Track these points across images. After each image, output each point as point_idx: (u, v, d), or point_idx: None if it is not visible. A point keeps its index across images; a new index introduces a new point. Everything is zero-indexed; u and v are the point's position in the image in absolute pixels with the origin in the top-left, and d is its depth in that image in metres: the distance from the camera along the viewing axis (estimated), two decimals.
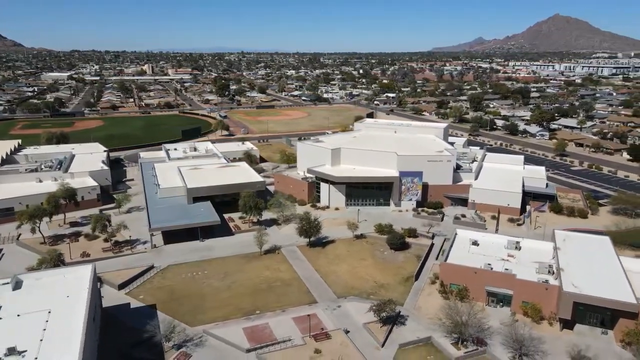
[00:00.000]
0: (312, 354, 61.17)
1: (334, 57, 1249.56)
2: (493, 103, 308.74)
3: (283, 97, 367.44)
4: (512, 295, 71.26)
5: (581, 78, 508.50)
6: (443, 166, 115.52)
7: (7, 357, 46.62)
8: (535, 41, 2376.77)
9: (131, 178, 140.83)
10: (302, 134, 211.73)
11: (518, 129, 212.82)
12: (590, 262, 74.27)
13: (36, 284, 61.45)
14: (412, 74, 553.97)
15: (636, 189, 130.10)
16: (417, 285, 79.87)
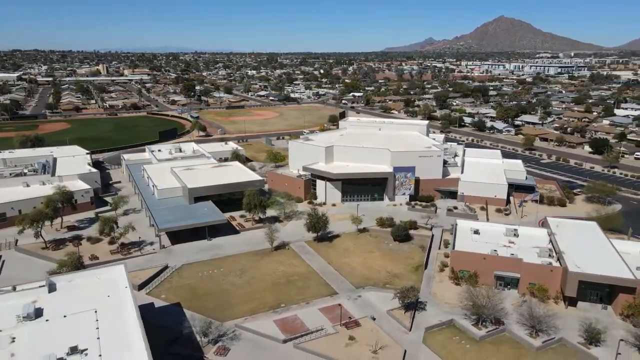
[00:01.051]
0: (347, 341, 64.04)
1: (290, 57, 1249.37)
2: (456, 101, 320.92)
3: (250, 97, 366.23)
4: (519, 278, 76.89)
5: (531, 77, 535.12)
6: (433, 161, 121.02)
7: (70, 356, 46.80)
8: (483, 41, 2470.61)
9: (118, 180, 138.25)
10: (279, 133, 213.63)
11: (485, 125, 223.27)
12: (585, 244, 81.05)
13: (70, 285, 60.96)
14: (372, 73, 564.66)
15: (603, 179, 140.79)
16: (428, 273, 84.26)
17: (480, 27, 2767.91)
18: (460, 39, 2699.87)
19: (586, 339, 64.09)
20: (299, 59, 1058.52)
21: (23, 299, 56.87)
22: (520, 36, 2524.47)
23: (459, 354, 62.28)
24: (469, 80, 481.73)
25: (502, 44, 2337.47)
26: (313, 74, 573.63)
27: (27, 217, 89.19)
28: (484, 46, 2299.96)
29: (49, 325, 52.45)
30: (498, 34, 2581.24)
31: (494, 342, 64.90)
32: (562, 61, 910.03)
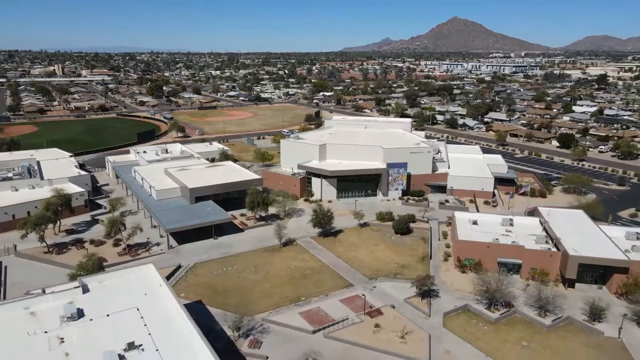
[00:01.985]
0: (373, 329, 67.04)
1: (251, 57, 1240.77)
2: (424, 100, 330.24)
3: (221, 98, 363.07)
4: (521, 264, 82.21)
5: (489, 76, 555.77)
6: (424, 157, 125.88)
7: (127, 352, 47.43)
8: (438, 42, 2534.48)
9: (105, 183, 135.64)
10: (259, 133, 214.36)
11: (457, 123, 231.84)
12: (577, 231, 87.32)
13: (102, 286, 60.86)
14: (338, 73, 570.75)
15: (573, 171, 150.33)
16: (433, 263, 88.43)
17: (435, 27, 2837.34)
18: (417, 39, 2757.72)
19: (590, 316, 69.79)
20: (261, 59, 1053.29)
21: (59, 301, 56.56)
22: (473, 36, 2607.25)
23: (479, 335, 66.47)
24: (431, 80, 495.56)
25: (456, 44, 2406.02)
26: (278, 73, 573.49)
27: (30, 221, 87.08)
28: (439, 46, 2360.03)
29: (94, 324, 52.64)
30: (452, 35, 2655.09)
31: (509, 323, 69.53)
32: (515, 61, 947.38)
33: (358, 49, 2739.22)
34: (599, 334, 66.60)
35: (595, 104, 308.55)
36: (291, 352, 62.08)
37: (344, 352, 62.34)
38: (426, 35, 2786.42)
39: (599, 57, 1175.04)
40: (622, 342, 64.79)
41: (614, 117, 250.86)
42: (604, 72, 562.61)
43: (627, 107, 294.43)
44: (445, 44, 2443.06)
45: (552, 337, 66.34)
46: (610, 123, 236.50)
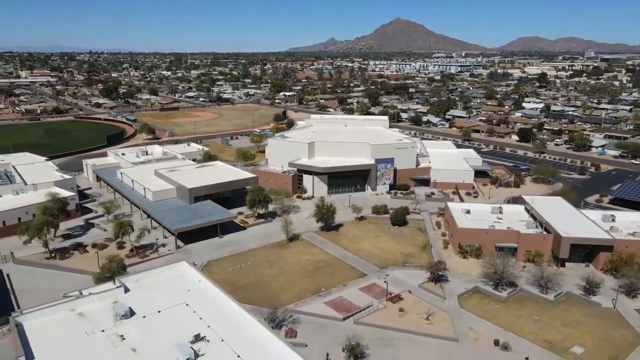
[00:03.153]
0: (398, 313, 71.19)
1: (198, 57, 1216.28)
2: (383, 98, 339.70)
3: (180, 99, 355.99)
4: (517, 247, 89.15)
5: (438, 75, 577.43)
6: (408, 152, 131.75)
7: (194, 344, 48.68)
8: (382, 42, 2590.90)
9: (87, 187, 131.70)
10: (231, 133, 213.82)
11: (422, 120, 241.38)
12: (562, 215, 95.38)
13: (140, 285, 61.04)
14: (293, 73, 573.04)
15: (537, 162, 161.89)
16: (435, 251, 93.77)
17: (379, 28, 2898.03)
18: (362, 40, 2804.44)
19: (585, 290, 77.38)
20: (209, 60, 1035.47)
21: (104, 301, 56.64)
22: (415, 37, 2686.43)
23: (494, 313, 72.18)
24: (384, 79, 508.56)
25: (400, 44, 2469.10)
26: (232, 74, 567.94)
27: (32, 226, 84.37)
28: (384, 46, 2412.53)
29: (149, 321, 53.29)
30: (396, 35, 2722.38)
31: (517, 301, 75.79)
32: (459, 60, 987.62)
33: (304, 49, 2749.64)
34: (597, 306, 74.12)
35: (540, 100, 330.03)
36: (327, 339, 64.95)
37: (377, 335, 65.90)
38: (371, 35, 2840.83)
39: (532, 56, 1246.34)
40: (617, 311, 72.54)
41: (561, 113, 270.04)
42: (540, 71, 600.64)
43: (570, 104, 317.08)
44: (389, 44, 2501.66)
45: (557, 310, 73.16)
46: (558, 118, 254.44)
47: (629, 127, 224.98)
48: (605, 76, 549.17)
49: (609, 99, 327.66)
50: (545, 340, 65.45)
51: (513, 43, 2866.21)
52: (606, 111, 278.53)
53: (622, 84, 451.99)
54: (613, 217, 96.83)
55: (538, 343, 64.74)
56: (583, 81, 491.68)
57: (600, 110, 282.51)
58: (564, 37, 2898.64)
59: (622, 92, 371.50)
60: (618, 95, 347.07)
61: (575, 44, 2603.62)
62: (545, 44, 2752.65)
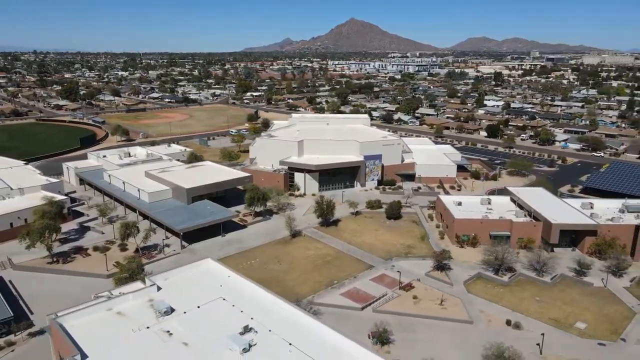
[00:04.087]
0: (413, 300, 74.74)
1: (153, 57, 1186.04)
2: (350, 97, 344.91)
3: (145, 100, 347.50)
4: (511, 235, 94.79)
5: (399, 74, 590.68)
6: (394, 149, 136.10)
7: (244, 335, 50.05)
8: (338, 42, 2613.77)
9: (72, 190, 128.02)
10: (208, 134, 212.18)
11: (393, 118, 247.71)
12: (547, 203, 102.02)
13: (170, 283, 61.36)
14: (255, 73, 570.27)
15: (507, 157, 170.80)
16: (432, 242, 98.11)
17: (335, 28, 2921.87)
18: (317, 40, 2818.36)
19: (577, 272, 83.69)
20: (165, 60, 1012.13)
21: (139, 300, 56.91)
22: (370, 37, 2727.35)
23: (500, 296, 77.03)
24: (347, 79, 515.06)
25: (355, 44, 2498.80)
26: (193, 74, 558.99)
27: (34, 231, 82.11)
28: (339, 46, 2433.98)
29: (191, 316, 54.09)
30: (351, 35, 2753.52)
31: (518, 284, 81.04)
32: (415, 60, 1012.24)
33: (260, 49, 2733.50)
34: (589, 285, 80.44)
35: (499, 98, 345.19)
36: (351, 327, 67.32)
37: (397, 322, 69.00)
38: (326, 35, 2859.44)
39: (482, 56, 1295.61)
40: (608, 289, 79.05)
41: (521, 110, 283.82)
42: (494, 71, 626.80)
43: (526, 101, 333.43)
44: (345, 44, 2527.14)
45: (556, 291, 78.91)
46: (519, 115, 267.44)
47: (585, 123, 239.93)
48: (553, 75, 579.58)
49: (562, 96, 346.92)
50: (550, 318, 70.73)
51: (463, 43, 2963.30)
52: (561, 108, 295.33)
53: (570, 82, 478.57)
54: (591, 204, 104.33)
55: (545, 321, 69.88)
56: (534, 80, 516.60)
57: (556, 107, 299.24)
58: (510, 38, 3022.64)
59: (572, 90, 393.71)
60: (569, 92, 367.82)
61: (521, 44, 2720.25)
62: (493, 44, 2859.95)
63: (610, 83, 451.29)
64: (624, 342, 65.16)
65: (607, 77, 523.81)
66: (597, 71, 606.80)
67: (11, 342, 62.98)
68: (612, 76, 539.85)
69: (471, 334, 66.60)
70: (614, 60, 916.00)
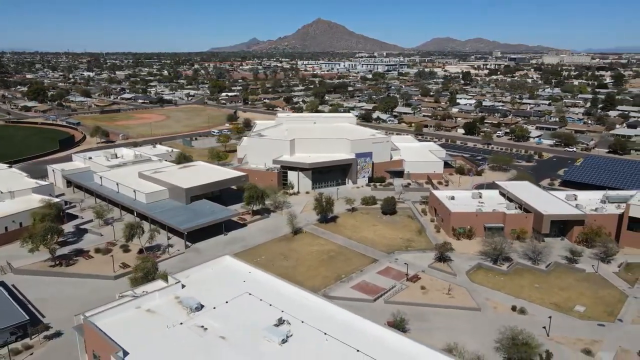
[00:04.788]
0: (421, 290, 77.56)
1: (117, 57, 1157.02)
2: (327, 97, 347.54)
3: (118, 101, 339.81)
4: (504, 227, 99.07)
5: (370, 74, 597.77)
6: (384, 146, 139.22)
7: (278, 327, 51.33)
8: (305, 42, 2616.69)
9: (61, 193, 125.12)
10: (190, 134, 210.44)
11: (372, 116, 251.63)
12: (534, 196, 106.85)
13: (193, 280, 61.72)
14: (227, 73, 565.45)
15: (486, 153, 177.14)
16: (430, 235, 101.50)
17: (301, 28, 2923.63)
18: (284, 40, 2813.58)
19: (568, 259, 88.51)
20: (130, 60, 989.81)
21: (165, 297, 57.29)
22: (337, 37, 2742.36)
23: (501, 284, 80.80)
24: (319, 78, 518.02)
25: (322, 44, 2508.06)
26: (163, 74, 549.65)
27: (37, 234, 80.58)
28: (307, 46, 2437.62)
29: (221, 311, 54.89)
30: (318, 36, 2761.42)
31: (516, 273, 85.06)
32: (383, 60, 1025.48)
33: (226, 48, 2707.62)
34: (582, 272, 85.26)
35: (470, 97, 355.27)
36: (366, 318, 69.38)
37: (409, 312, 71.43)
38: (293, 35, 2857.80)
39: (447, 56, 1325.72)
40: (600, 275, 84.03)
41: (493, 108, 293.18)
42: (460, 70, 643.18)
43: (497, 99, 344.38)
44: (312, 44, 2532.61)
45: (552, 278, 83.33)
46: (492, 113, 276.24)
47: (555, 120, 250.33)
48: (518, 74, 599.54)
49: (530, 95, 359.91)
50: (551, 303, 74.85)
51: (428, 43, 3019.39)
52: (530, 106, 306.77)
53: (534, 81, 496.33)
54: (575, 196, 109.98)
55: (547, 306, 73.92)
56: (500, 79, 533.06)
57: (525, 105, 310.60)
58: (473, 38, 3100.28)
59: (538, 88, 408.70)
60: (536, 91, 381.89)
61: (483, 45, 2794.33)
62: (456, 44, 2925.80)
63: (572, 82, 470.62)
64: (621, 322, 69.77)
65: (568, 76, 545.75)
66: (558, 70, 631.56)
67: (28, 345, 62.06)
68: (573, 75, 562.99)
69: (481, 320, 69.87)
70: (572, 60, 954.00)
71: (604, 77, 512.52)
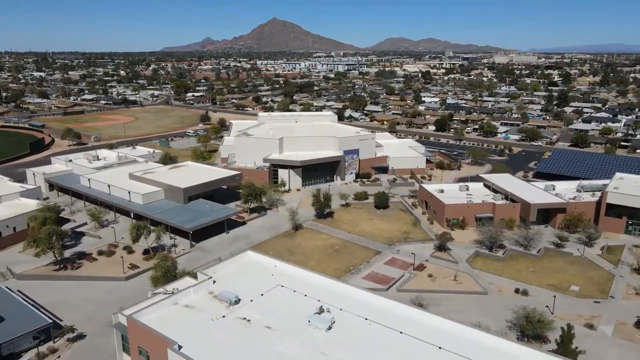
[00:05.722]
0: (428, 278, 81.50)
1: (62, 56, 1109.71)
2: (295, 96, 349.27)
3: (78, 102, 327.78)
4: (493, 216, 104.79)
5: (332, 73, 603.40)
6: (369, 143, 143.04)
7: (319, 315, 53.37)
8: (261, 42, 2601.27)
9: (45, 197, 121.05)
10: (163, 135, 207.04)
11: (344, 115, 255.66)
12: (518, 187, 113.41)
13: (222, 275, 62.16)
14: (188, 73, 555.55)
15: (459, 148, 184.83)
16: (424, 227, 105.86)
17: (257, 28, 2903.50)
18: (240, 39, 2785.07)
19: (556, 244, 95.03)
20: (80, 59, 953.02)
21: (200, 292, 58.03)
22: (293, 37, 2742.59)
23: (500, 269, 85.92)
24: (280, 78, 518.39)
25: (278, 44, 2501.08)
26: (121, 74, 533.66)
27: (41, 237, 78.64)
28: (263, 46, 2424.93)
29: (259, 303, 56.17)
30: (273, 35, 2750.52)
31: (511, 258, 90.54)
32: (342, 60, 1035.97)
33: (180, 48, 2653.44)
34: (569, 255, 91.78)
35: (433, 95, 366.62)
36: None
37: (422, 298, 75.10)
38: (249, 35, 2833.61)
39: (402, 55, 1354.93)
40: (586, 258, 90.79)
41: (457, 105, 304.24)
42: (417, 69, 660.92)
43: (459, 97, 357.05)
44: (269, 44, 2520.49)
45: (544, 262, 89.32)
46: (457, 110, 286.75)
47: (517, 116, 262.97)
48: (474, 73, 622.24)
49: (489, 92, 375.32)
50: (548, 284, 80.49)
51: (382, 43, 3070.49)
52: (491, 103, 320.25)
53: (490, 80, 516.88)
54: (553, 186, 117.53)
55: (544, 287, 79.47)
56: (458, 78, 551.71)
57: (487, 102, 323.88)
58: (426, 38, 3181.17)
59: (495, 86, 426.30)
60: (494, 89, 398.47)
61: (435, 44, 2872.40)
62: (410, 44, 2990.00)
63: (524, 80, 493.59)
64: (613, 298, 76.13)
65: (520, 75, 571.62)
66: (510, 69, 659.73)
67: (54, 348, 61.19)
68: (525, 74, 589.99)
69: (490, 303, 74.45)
70: (520, 59, 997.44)
71: (553, 76, 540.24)
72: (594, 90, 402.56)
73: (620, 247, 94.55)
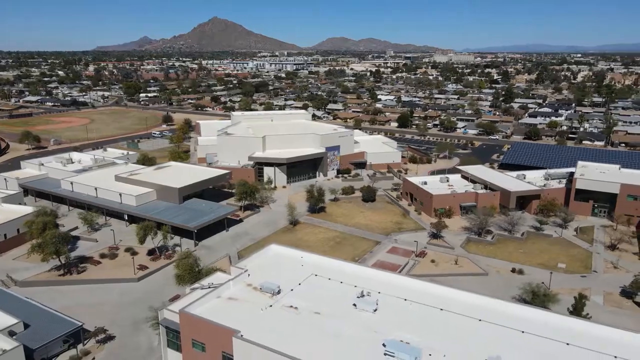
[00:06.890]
0: (432, 263, 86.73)
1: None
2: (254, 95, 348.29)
3: (22, 104, 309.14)
4: (476, 204, 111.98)
5: (283, 73, 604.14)
6: (348, 140, 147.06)
7: (361, 298, 56.45)
8: (202, 41, 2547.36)
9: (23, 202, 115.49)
10: (128, 136, 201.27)
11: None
12: (494, 177, 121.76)
13: (252, 269, 63.88)
14: (135, 73, 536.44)
15: (425, 143, 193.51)
16: (414, 217, 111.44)
17: (197, 27, 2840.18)
18: (180, 38, 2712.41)
19: (536, 228, 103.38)
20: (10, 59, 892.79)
21: (239, 285, 59.46)
22: (235, 36, 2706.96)
23: (493, 252, 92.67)
24: (233, 78, 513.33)
25: (220, 43, 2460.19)
26: (60, 74, 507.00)
27: (47, 242, 76.18)
28: (204, 45, 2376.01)
29: (299, 291, 58.25)
30: (215, 34, 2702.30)
31: (500, 242, 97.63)
32: (288, 59, 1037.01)
33: (115, 47, 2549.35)
34: (549, 237, 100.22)
35: (387, 92, 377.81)
36: None
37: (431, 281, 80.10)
38: (189, 34, 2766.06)
39: (345, 55, 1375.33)
40: (564, 238, 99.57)
41: (412, 102, 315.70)
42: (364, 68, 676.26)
43: (411, 95, 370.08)
44: (210, 43, 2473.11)
45: (529, 243, 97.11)
46: (413, 107, 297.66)
47: (470, 112, 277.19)
48: (419, 72, 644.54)
49: (438, 90, 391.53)
50: (538, 263, 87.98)
51: (324, 43, 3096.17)
52: (443, 100, 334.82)
53: (435, 78, 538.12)
54: (524, 175, 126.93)
55: (535, 266, 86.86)
56: (405, 76, 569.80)
57: (439, 100, 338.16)
58: (366, 38, 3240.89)
59: (442, 84, 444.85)
60: (443, 86, 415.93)
61: (375, 44, 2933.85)
62: (351, 43, 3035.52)
63: (468, 78, 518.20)
64: (596, 272, 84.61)
65: (463, 73, 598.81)
66: (453, 68, 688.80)
67: (86, 351, 60.36)
68: (467, 72, 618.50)
69: (492, 282, 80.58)
70: (458, 58, 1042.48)
71: (492, 74, 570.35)
72: (532, 87, 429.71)
73: (590, 228, 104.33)
